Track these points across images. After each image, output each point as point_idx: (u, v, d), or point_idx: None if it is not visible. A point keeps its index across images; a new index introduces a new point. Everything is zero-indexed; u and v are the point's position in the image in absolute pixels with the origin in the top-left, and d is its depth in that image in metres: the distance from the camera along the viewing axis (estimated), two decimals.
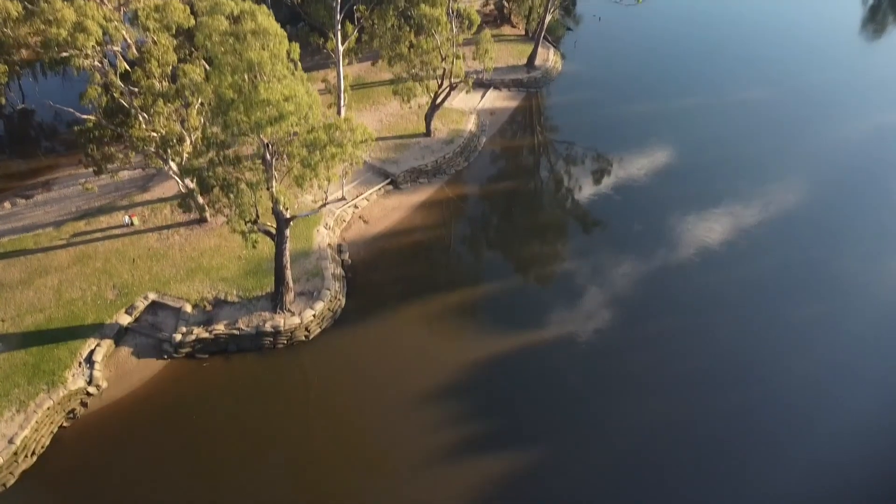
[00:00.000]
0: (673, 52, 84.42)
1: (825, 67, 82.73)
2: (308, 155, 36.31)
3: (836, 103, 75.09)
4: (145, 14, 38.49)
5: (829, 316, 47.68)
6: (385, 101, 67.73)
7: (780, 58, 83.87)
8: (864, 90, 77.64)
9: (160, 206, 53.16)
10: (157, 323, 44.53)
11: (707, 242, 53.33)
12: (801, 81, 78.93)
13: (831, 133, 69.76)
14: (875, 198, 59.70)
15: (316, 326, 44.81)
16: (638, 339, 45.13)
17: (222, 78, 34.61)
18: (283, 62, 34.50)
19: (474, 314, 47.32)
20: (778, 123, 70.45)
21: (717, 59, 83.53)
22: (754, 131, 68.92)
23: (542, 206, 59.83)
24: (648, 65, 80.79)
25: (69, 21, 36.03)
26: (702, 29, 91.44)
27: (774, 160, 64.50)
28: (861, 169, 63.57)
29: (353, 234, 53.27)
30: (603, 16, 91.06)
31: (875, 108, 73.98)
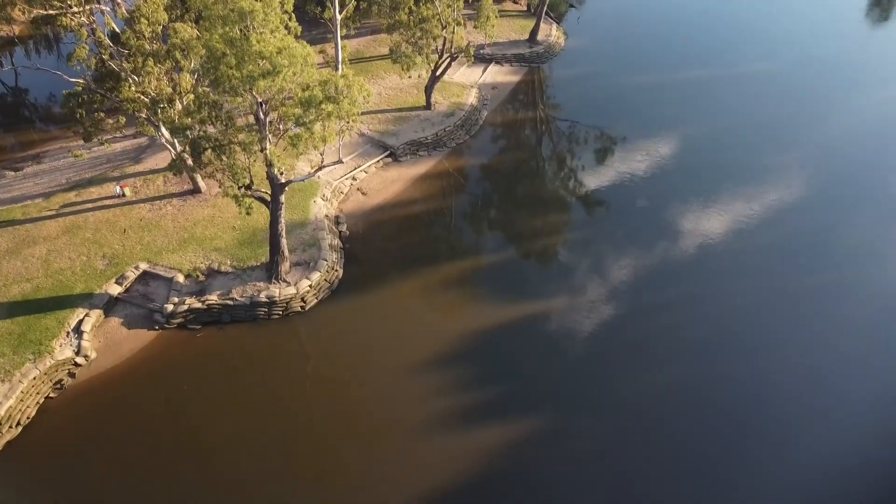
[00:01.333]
0: (678, 27, 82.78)
1: (831, 42, 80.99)
2: (303, 113, 34.78)
3: (845, 75, 73.64)
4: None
5: (838, 287, 46.20)
6: (384, 74, 66.16)
7: (787, 33, 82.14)
8: (870, 64, 75.98)
9: (153, 178, 51.67)
10: (148, 293, 43.11)
11: (714, 216, 51.83)
12: (807, 55, 77.38)
13: (840, 101, 68.66)
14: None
15: (312, 297, 43.39)
16: (639, 309, 43.69)
17: (212, 30, 33.15)
18: (276, 13, 32.97)
19: (473, 285, 45.88)
20: (786, 93, 69.12)
21: (723, 32, 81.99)
22: (763, 100, 67.45)
23: (544, 182, 58.27)
24: (652, 39, 79.16)
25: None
26: (708, 4, 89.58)
27: (783, 128, 63.18)
28: (873, 137, 62.13)
29: (350, 206, 51.80)
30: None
31: (883, 81, 72.43)
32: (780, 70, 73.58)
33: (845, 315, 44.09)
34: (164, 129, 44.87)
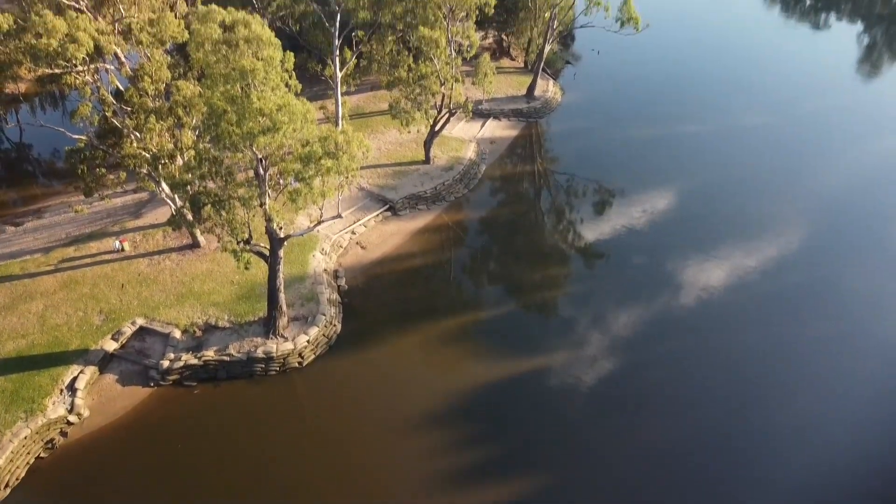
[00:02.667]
0: (673, 82, 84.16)
1: (823, 96, 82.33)
2: (302, 168, 35.00)
3: (837, 128, 74.58)
4: (139, 27, 37.66)
5: (837, 339, 45.70)
6: (384, 129, 66.98)
7: (779, 87, 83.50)
8: (863, 116, 77.05)
9: (152, 232, 51.71)
10: (144, 349, 42.64)
11: (712, 269, 51.67)
12: (799, 109, 78.46)
13: (834, 153, 69.42)
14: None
15: (310, 353, 42.90)
16: (638, 364, 43.27)
17: (214, 87, 33.61)
18: (276, 71, 33.48)
19: (472, 340, 45.35)
20: (780, 145, 69.92)
21: (716, 87, 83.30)
22: (757, 153, 68.22)
23: (543, 235, 58.25)
24: (648, 94, 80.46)
25: (60, 31, 35.16)
26: (700, 61, 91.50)
27: (778, 179, 63.78)
28: (868, 188, 62.52)
29: (350, 260, 51.70)
30: (601, 49, 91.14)
31: (876, 132, 73.37)
32: (774, 123, 74.53)
33: (846, 368, 43.48)
34: (164, 185, 45.14)
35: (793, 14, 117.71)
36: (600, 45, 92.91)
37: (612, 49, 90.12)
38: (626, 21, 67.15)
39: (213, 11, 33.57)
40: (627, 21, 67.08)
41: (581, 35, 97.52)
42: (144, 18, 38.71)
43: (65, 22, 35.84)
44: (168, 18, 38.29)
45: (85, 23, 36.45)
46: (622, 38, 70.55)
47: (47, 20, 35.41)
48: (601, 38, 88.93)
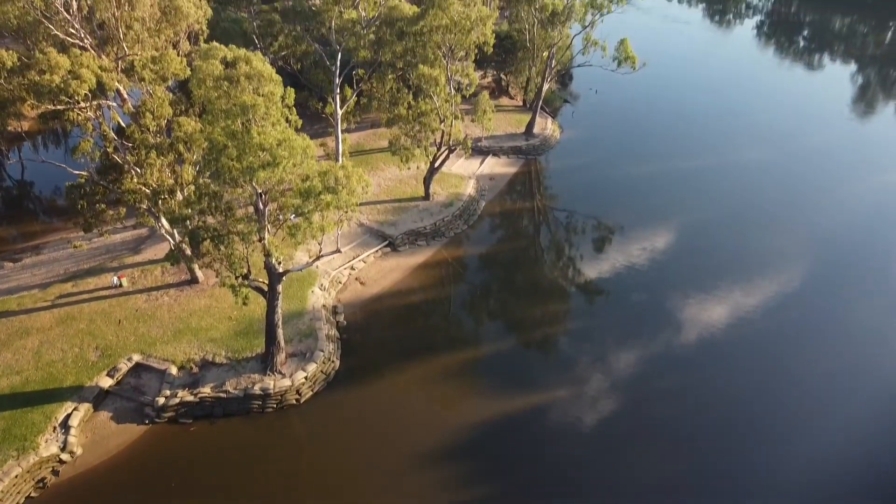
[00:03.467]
0: (670, 119, 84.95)
1: (820, 133, 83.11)
2: (302, 203, 35.01)
3: (835, 163, 75.11)
4: (141, 64, 38.06)
5: (840, 374, 45.25)
6: (384, 166, 67.35)
7: (776, 124, 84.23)
8: (860, 153, 77.56)
9: (151, 268, 51.57)
10: (140, 386, 42.11)
11: (712, 304, 51.40)
12: (797, 144, 79.00)
13: (827, 189, 69.50)
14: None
15: (308, 389, 42.35)
16: (638, 401, 42.78)
17: (215, 123, 33.82)
18: (277, 106, 33.73)
19: (472, 377, 44.88)
20: (777, 181, 70.31)
21: (712, 125, 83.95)
22: (755, 188, 68.56)
23: (542, 271, 58.06)
24: (646, 131, 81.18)
25: (63, 68, 35.53)
26: (697, 99, 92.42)
27: (778, 215, 63.85)
28: (867, 223, 62.56)
29: (349, 296, 51.43)
30: (599, 88, 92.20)
31: (874, 168, 73.81)
32: (772, 158, 74.95)
33: (850, 403, 43.01)
34: (163, 220, 45.15)
35: (787, 55, 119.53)
36: (598, 84, 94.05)
37: (609, 88, 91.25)
38: (623, 60, 67.88)
39: (214, 48, 33.98)
40: (624, 60, 67.83)
41: (579, 74, 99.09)
42: (147, 56, 39.04)
43: (68, 59, 36.24)
44: (170, 55, 38.70)
45: (88, 60, 36.86)
46: (620, 78, 71.42)
47: (51, 57, 35.82)
48: (599, 77, 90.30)
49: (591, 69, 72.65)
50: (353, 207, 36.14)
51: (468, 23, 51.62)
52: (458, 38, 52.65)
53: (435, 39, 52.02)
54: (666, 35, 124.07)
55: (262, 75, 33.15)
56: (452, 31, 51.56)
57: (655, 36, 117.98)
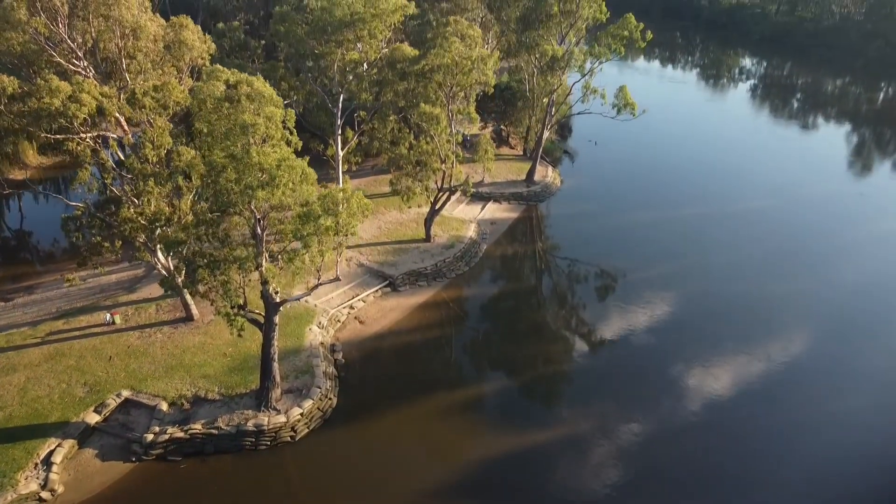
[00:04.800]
0: (668, 170, 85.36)
1: (820, 183, 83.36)
2: (301, 226, 34.27)
3: (833, 212, 74.91)
4: (143, 92, 37.99)
5: (855, 426, 43.32)
6: (385, 210, 67.06)
7: (775, 174, 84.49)
8: (860, 207, 77.44)
9: (145, 306, 50.44)
10: (128, 422, 40.36)
11: (719, 354, 49.75)
12: (797, 193, 79.10)
13: (830, 237, 69.01)
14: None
15: (303, 426, 40.59)
16: (643, 443, 40.78)
17: (214, 144, 33.44)
18: (277, 127, 33.41)
19: (471, 420, 43.05)
20: (781, 228, 69.79)
21: (710, 177, 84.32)
22: (759, 235, 67.92)
23: (544, 317, 56.56)
24: (646, 181, 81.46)
25: (64, 92, 35.41)
26: (696, 153, 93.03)
27: (782, 263, 62.95)
28: (875, 274, 61.59)
29: (347, 335, 50.12)
30: (599, 140, 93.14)
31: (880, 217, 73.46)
32: (774, 205, 74.86)
33: (865, 451, 40.99)
34: (159, 254, 44.30)
35: (781, 114, 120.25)
36: (598, 136, 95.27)
37: (609, 141, 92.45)
38: (623, 107, 68.39)
39: (217, 70, 33.95)
40: (624, 107, 68.34)
41: (578, 127, 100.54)
42: (149, 85, 39.04)
43: (69, 85, 36.20)
44: (172, 84, 38.66)
45: (89, 86, 36.81)
46: (619, 131, 72.17)
47: (52, 82, 35.76)
48: (598, 129, 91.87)
49: (591, 123, 73.54)
50: (354, 229, 35.35)
51: (469, 63, 52.10)
52: (460, 79, 53.05)
53: (436, 79, 52.40)
54: (663, 93, 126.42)
55: (263, 96, 32.95)
56: (454, 71, 51.99)
57: (653, 93, 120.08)
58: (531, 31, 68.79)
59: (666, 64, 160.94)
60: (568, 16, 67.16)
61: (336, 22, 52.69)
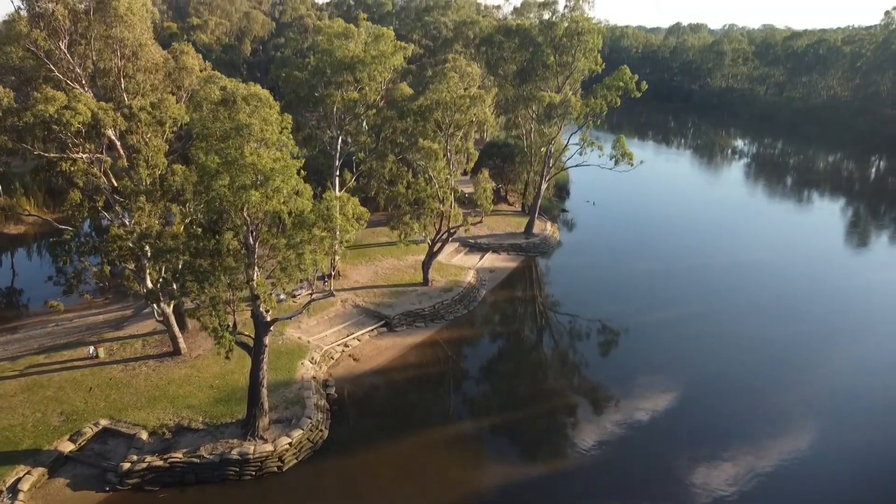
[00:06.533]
0: (663, 230, 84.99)
1: (818, 239, 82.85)
2: (293, 232, 33.19)
3: (828, 263, 74.03)
4: (139, 106, 37.71)
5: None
6: (381, 258, 66.15)
7: (772, 235, 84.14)
8: (857, 280, 76.33)
9: (131, 342, 48.58)
10: (105, 451, 37.79)
11: (704, 399, 47.43)
12: (796, 249, 78.44)
13: (825, 285, 68.05)
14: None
15: (292, 457, 38.01)
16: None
17: (209, 150, 32.80)
18: (273, 129, 32.89)
19: (464, 459, 40.14)
20: (780, 279, 68.64)
21: (709, 231, 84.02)
22: (758, 286, 66.79)
23: (541, 360, 54.07)
24: (645, 236, 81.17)
25: (60, 101, 35.08)
26: (691, 217, 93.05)
27: (776, 304, 61.91)
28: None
29: (341, 371, 48.01)
30: (597, 203, 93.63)
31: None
32: (773, 259, 73.93)
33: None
34: (148, 280, 42.89)
35: (776, 188, 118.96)
36: (595, 196, 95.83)
37: (606, 203, 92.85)
38: (621, 157, 68.69)
39: (216, 76, 33.83)
40: (622, 157, 68.64)
41: (575, 189, 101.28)
42: (146, 102, 38.84)
43: (65, 95, 35.97)
44: (170, 100, 38.44)
45: (85, 98, 36.59)
46: (616, 193, 71.87)
47: (48, 92, 35.52)
48: (596, 192, 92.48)
49: (588, 186, 73.17)
50: (350, 236, 34.22)
51: (467, 101, 52.48)
52: (458, 118, 53.30)
53: (435, 117, 52.63)
54: (659, 164, 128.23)
55: (259, 98, 32.61)
56: (451, 108, 52.27)
57: (650, 163, 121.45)
58: (528, 83, 69.96)
59: (660, 144, 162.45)
60: (564, 67, 68.43)
61: (336, 63, 53.36)
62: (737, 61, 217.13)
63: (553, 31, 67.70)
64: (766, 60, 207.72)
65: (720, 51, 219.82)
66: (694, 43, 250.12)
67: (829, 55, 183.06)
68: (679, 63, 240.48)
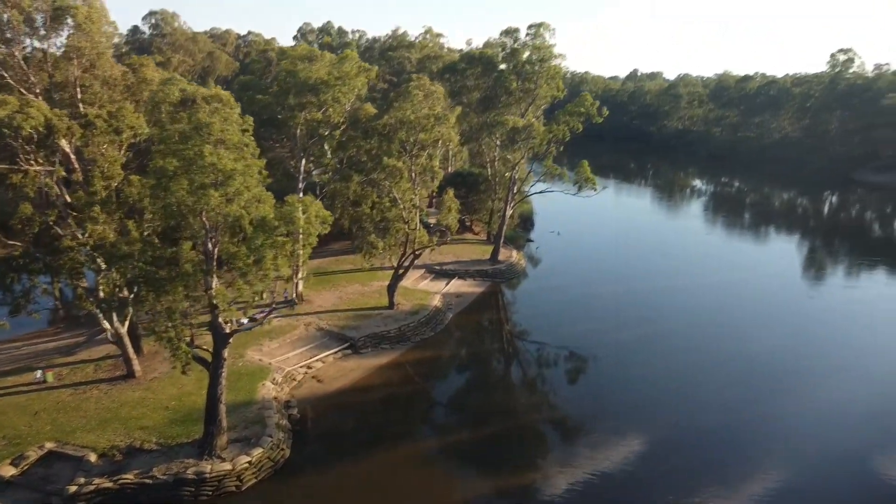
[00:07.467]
0: (628, 257, 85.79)
1: (778, 261, 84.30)
2: (254, 233, 32.20)
3: (786, 278, 74.97)
4: (95, 114, 36.65)
5: None
6: (346, 284, 65.05)
7: (725, 259, 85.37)
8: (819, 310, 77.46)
9: (83, 367, 46.46)
10: (50, 475, 35.49)
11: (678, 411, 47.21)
12: (759, 270, 79.40)
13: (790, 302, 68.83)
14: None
15: (251, 476, 36.20)
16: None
17: (168, 154, 31.89)
18: (234, 128, 32.16)
19: (428, 475, 38.80)
20: (744, 298, 69.17)
21: (670, 257, 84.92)
22: (723, 304, 67.72)
23: (507, 380, 53.24)
24: (607, 264, 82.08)
25: (11, 105, 33.89)
26: (653, 241, 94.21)
27: (734, 320, 62.72)
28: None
29: (304, 392, 46.36)
30: (562, 233, 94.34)
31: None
32: (737, 279, 74.78)
33: None
34: (101, 293, 41.12)
35: (735, 226, 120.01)
36: (560, 228, 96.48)
37: (570, 233, 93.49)
38: (584, 183, 69.21)
39: (175, 78, 33.11)
40: (585, 183, 69.16)
41: (540, 219, 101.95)
42: (104, 112, 37.79)
43: (16, 100, 34.83)
44: (127, 108, 37.43)
45: (38, 104, 35.47)
46: (581, 226, 71.94)
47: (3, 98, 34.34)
48: (560, 220, 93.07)
49: (553, 219, 73.06)
50: (313, 240, 33.33)
51: (431, 121, 52.51)
52: (422, 137, 53.23)
53: (399, 136, 52.47)
54: (621, 200, 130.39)
55: (221, 98, 31.95)
56: (416, 127, 52.20)
57: (612, 201, 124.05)
58: (492, 110, 70.60)
59: (621, 183, 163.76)
60: (527, 94, 69.29)
61: (300, 84, 53.09)
62: (692, 104, 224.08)
63: (516, 58, 68.81)
64: (721, 102, 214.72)
65: (676, 94, 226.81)
66: (651, 87, 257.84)
67: (780, 96, 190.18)
68: (637, 106, 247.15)
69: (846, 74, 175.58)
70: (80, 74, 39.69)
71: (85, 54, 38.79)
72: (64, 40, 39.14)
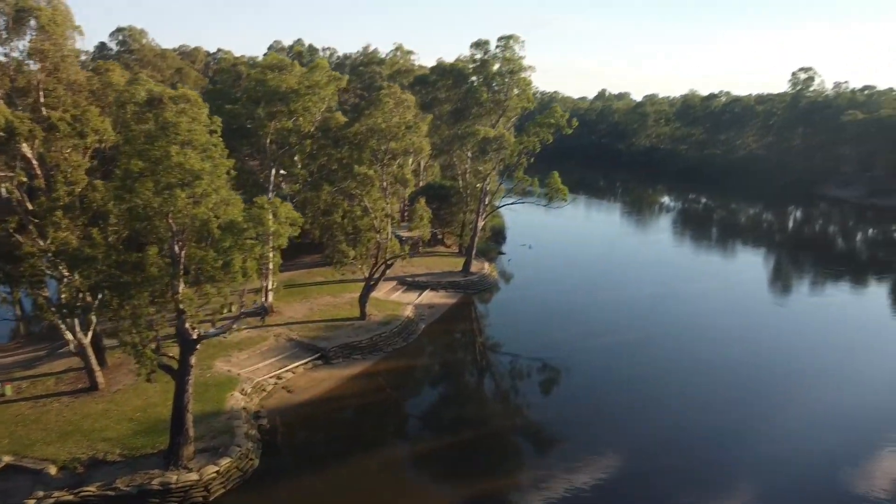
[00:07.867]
0: (599, 268, 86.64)
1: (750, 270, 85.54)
2: (222, 236, 31.63)
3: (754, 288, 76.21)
4: (58, 116, 35.86)
5: None
6: (317, 296, 64.31)
7: (693, 268, 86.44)
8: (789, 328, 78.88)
9: (43, 380, 45.01)
10: (8, 489, 34.14)
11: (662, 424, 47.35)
12: (732, 277, 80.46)
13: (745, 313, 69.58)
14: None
15: (219, 486, 35.23)
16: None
17: (133, 151, 31.29)
18: (202, 129, 31.67)
19: (399, 484, 38.04)
20: (717, 300, 69.92)
21: (640, 269, 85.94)
22: (682, 311, 68.72)
23: (480, 390, 52.85)
24: (578, 274, 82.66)
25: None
26: (622, 254, 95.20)
27: (705, 329, 63.14)
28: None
29: (273, 403, 45.44)
30: (533, 244, 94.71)
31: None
32: (710, 286, 75.59)
33: None
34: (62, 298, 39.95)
35: (703, 239, 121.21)
36: (531, 241, 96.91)
37: (542, 246, 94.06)
38: (555, 193, 69.61)
39: (143, 78, 32.59)
40: (555, 193, 69.57)
41: (512, 233, 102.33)
42: (67, 116, 36.98)
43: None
44: (92, 111, 36.67)
45: (1, 105, 34.64)
46: (552, 239, 72.43)
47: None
48: (532, 234, 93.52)
49: (524, 232, 73.26)
50: (284, 240, 32.84)
51: (402, 129, 52.47)
52: (393, 146, 53.14)
53: (370, 145, 52.29)
54: (591, 216, 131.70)
55: (188, 98, 31.49)
56: (387, 136, 52.11)
57: (583, 215, 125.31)
58: (463, 122, 70.89)
59: (591, 200, 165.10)
60: (498, 105, 69.75)
61: (270, 93, 52.74)
62: (659, 122, 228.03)
63: (486, 69, 69.37)
64: (687, 121, 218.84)
65: (643, 112, 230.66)
66: (619, 107, 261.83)
67: (745, 114, 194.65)
68: (606, 125, 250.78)
69: (807, 93, 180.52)
70: (43, 78, 38.92)
71: (49, 57, 38.06)
72: (27, 43, 38.39)
